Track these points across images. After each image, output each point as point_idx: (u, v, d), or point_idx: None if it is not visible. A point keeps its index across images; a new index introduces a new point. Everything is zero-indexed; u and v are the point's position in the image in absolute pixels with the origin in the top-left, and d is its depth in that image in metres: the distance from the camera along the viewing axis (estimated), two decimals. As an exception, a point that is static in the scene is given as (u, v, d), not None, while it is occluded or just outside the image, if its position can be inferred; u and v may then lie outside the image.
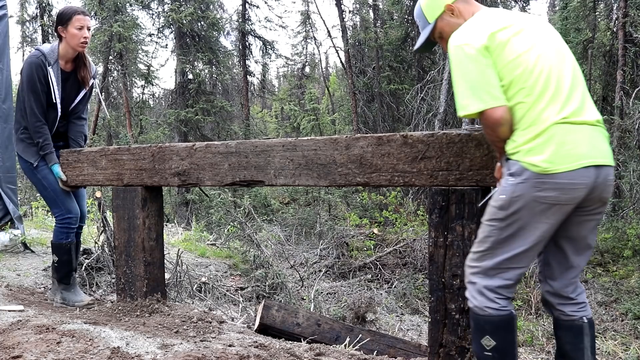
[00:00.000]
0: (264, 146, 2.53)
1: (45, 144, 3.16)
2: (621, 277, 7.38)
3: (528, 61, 1.78)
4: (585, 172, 1.71)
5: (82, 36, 3.08)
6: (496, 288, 1.83)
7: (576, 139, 1.72)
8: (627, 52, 10.06)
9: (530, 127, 1.74)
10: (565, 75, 1.79)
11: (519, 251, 1.79)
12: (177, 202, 14.50)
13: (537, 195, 1.72)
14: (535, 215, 1.75)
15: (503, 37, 1.80)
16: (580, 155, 1.72)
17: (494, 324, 1.83)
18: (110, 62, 15.96)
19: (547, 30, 1.89)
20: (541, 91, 1.75)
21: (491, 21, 1.85)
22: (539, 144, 1.72)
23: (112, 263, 4.18)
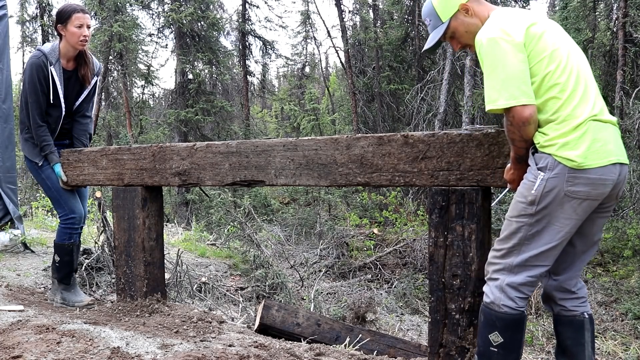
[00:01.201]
0: (264, 146, 2.53)
1: (45, 145, 3.16)
2: (621, 277, 7.38)
3: (561, 57, 1.80)
4: (613, 168, 1.76)
5: (82, 34, 3.08)
6: (519, 286, 1.83)
7: (605, 136, 1.76)
8: (627, 52, 10.05)
9: (564, 121, 1.75)
10: (589, 75, 1.85)
11: (547, 247, 1.80)
12: (177, 202, 14.50)
13: (570, 190, 1.74)
14: (565, 210, 1.76)
15: (537, 31, 1.81)
16: (609, 152, 1.75)
17: (505, 322, 1.84)
18: (110, 62, 15.95)
19: (563, 31, 1.94)
20: (574, 88, 1.77)
21: (521, 17, 1.85)
22: (574, 139, 1.73)
23: (112, 263, 4.18)
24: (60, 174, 3.20)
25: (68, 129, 3.31)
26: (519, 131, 1.77)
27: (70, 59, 3.19)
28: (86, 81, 3.24)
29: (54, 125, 3.20)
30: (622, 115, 9.31)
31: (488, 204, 2.16)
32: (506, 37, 1.78)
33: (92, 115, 3.45)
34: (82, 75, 3.23)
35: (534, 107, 1.75)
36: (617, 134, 1.84)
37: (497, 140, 2.00)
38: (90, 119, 3.42)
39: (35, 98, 3.08)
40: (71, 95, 3.23)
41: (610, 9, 12.20)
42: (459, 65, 11.92)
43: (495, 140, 2.00)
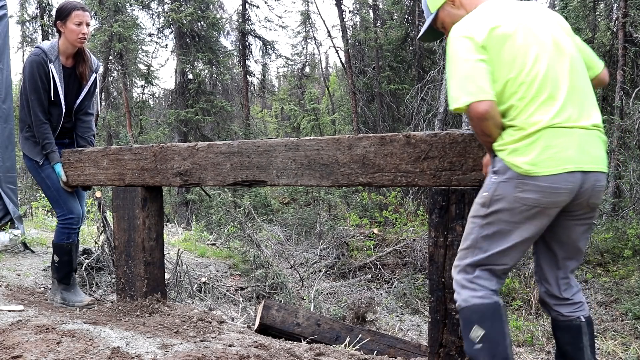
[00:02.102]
0: (266, 146, 2.53)
1: (46, 143, 3.15)
2: (621, 277, 7.37)
3: (524, 63, 1.74)
4: (569, 177, 1.69)
5: (81, 32, 3.08)
6: (474, 279, 1.82)
7: (564, 142, 1.69)
8: (627, 52, 10.05)
9: (520, 128, 1.71)
10: (562, 77, 1.75)
11: (497, 250, 1.78)
12: (177, 202, 14.49)
13: (518, 196, 1.71)
14: (515, 215, 1.73)
15: (501, 34, 1.76)
16: (565, 159, 1.69)
17: (480, 312, 1.80)
18: (110, 62, 15.95)
19: (548, 23, 1.84)
20: (535, 95, 1.72)
21: (492, 16, 1.81)
22: (524, 145, 1.70)
23: (112, 263, 4.18)
24: (61, 173, 3.19)
25: (69, 127, 3.31)
26: (479, 127, 1.76)
27: (69, 56, 3.19)
28: (84, 78, 3.24)
29: (55, 123, 3.19)
30: (622, 115, 9.31)
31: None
32: (467, 36, 1.77)
33: (95, 113, 3.44)
34: (80, 72, 3.22)
35: (489, 103, 1.71)
36: (589, 140, 1.74)
37: (498, 140, 2.00)
38: (92, 116, 3.41)
39: (36, 95, 3.08)
40: (71, 93, 3.23)
41: (610, 9, 12.21)
42: (459, 65, 11.89)
43: (496, 140, 2.00)
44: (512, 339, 5.67)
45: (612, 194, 9.47)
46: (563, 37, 1.83)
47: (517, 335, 5.73)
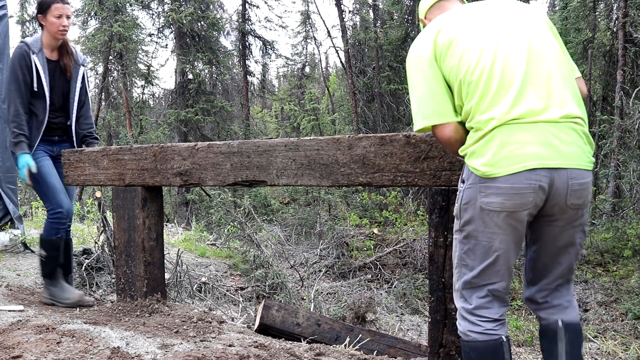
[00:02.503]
0: (266, 146, 2.53)
1: (18, 133, 3.10)
2: (621, 277, 7.38)
3: (470, 61, 1.62)
4: (531, 175, 1.52)
5: (61, 24, 3.10)
6: (474, 310, 1.67)
7: (523, 138, 1.53)
8: (627, 52, 10.05)
9: (476, 129, 1.60)
10: (517, 68, 1.58)
11: (484, 266, 1.64)
12: (177, 202, 14.49)
13: (483, 201, 1.58)
14: (487, 224, 1.60)
15: (446, 40, 1.67)
16: (525, 155, 1.52)
17: (479, 351, 1.66)
18: (110, 62, 15.95)
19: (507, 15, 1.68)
20: (483, 91, 1.58)
21: (435, 25, 1.73)
22: (480, 146, 1.58)
23: (112, 263, 4.18)
24: (30, 163, 3.10)
25: (57, 123, 3.27)
26: (446, 147, 1.76)
27: (53, 49, 3.21)
28: (67, 70, 3.23)
29: (41, 117, 3.16)
30: (622, 115, 9.31)
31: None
32: (417, 54, 1.73)
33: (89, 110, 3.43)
34: (64, 64, 3.22)
35: (451, 126, 1.67)
36: (559, 133, 1.54)
37: (498, 140, 2.00)
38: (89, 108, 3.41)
39: (16, 86, 3.08)
40: (58, 87, 3.22)
41: (610, 9, 12.20)
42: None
43: (496, 140, 2.00)
44: (512, 339, 5.67)
45: (612, 194, 9.47)
46: (527, 26, 1.66)
47: (517, 335, 5.73)
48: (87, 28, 16.33)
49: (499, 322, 1.68)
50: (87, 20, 16.23)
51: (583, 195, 1.60)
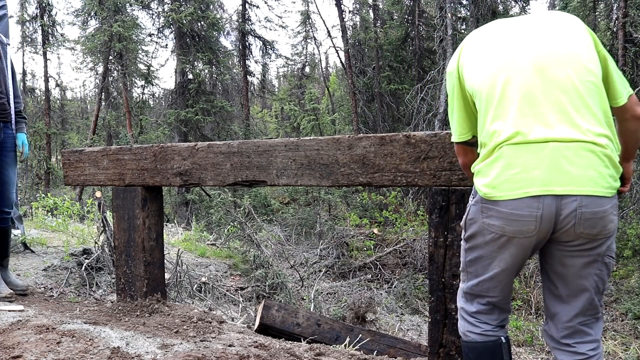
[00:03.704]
0: (266, 146, 2.53)
1: None
2: (621, 277, 7.38)
3: (481, 72, 1.57)
4: (532, 202, 1.43)
5: None
6: (474, 314, 1.69)
7: (528, 161, 1.43)
8: (627, 52, 10.06)
9: (483, 146, 1.56)
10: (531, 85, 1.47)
11: (483, 278, 1.63)
12: (177, 202, 14.49)
13: (485, 221, 1.54)
14: (488, 243, 1.56)
15: (466, 56, 1.65)
16: (528, 180, 1.43)
17: (477, 351, 1.66)
18: (110, 62, 15.95)
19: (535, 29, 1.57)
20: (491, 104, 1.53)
21: (465, 41, 1.71)
22: (485, 165, 1.52)
23: (112, 263, 4.18)
24: None
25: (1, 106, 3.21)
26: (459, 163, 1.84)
27: None
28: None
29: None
30: (622, 115, 9.31)
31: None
32: (448, 71, 1.75)
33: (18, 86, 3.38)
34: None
35: (460, 148, 1.77)
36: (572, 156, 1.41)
37: (498, 140, 1.99)
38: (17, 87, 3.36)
39: None
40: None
41: (610, 9, 12.20)
42: (459, 65, 11.90)
43: (496, 140, 2.00)
44: (512, 339, 5.67)
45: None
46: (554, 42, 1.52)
47: (517, 335, 5.73)
48: (87, 28, 16.34)
49: (499, 326, 1.69)
50: (87, 20, 16.24)
51: (599, 225, 1.45)
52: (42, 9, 17.35)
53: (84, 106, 31.16)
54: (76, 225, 6.43)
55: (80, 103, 31.05)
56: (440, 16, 12.23)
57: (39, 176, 17.05)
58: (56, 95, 20.78)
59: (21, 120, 3.39)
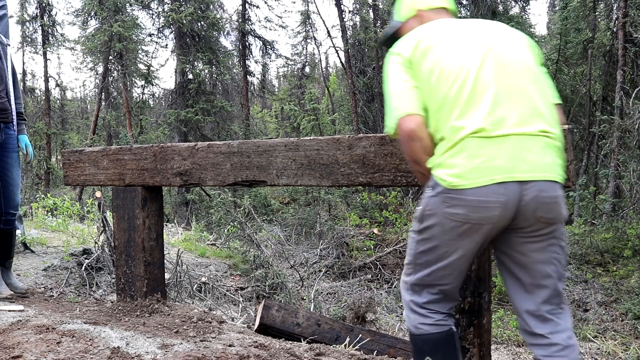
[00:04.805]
0: (266, 146, 2.53)
1: None
2: (621, 277, 7.38)
3: (444, 67, 1.61)
4: (499, 188, 1.50)
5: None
6: (424, 304, 1.69)
7: (492, 151, 1.52)
8: (627, 52, 10.06)
9: (444, 139, 1.58)
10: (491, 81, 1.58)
11: (436, 268, 1.65)
12: (177, 202, 14.50)
13: (447, 211, 1.57)
14: (447, 232, 1.59)
15: (425, 46, 1.66)
16: (494, 168, 1.51)
17: (431, 343, 1.67)
18: (110, 62, 15.95)
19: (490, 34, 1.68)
20: (454, 100, 1.57)
21: (421, 31, 1.73)
22: (448, 157, 1.56)
23: (112, 263, 4.18)
24: None
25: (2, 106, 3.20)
26: (407, 148, 1.64)
27: None
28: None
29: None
30: (622, 115, 9.31)
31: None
32: (398, 52, 1.71)
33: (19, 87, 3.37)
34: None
35: (418, 119, 1.61)
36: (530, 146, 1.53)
37: (498, 140, 1.99)
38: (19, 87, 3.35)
39: None
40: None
41: (610, 9, 12.21)
42: (459, 65, 11.91)
43: (496, 140, 2.00)
44: (512, 339, 5.67)
45: (612, 194, 9.47)
46: (505, 44, 1.67)
47: (517, 335, 5.73)
48: (87, 28, 16.35)
49: (449, 315, 1.72)
50: (87, 20, 16.25)
51: (555, 210, 1.56)
52: (42, 9, 17.35)
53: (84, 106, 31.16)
54: (76, 225, 6.44)
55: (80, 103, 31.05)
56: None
57: (39, 176, 17.06)
58: (56, 95, 20.79)
59: (22, 122, 3.39)
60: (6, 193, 3.26)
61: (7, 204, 3.27)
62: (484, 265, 2.07)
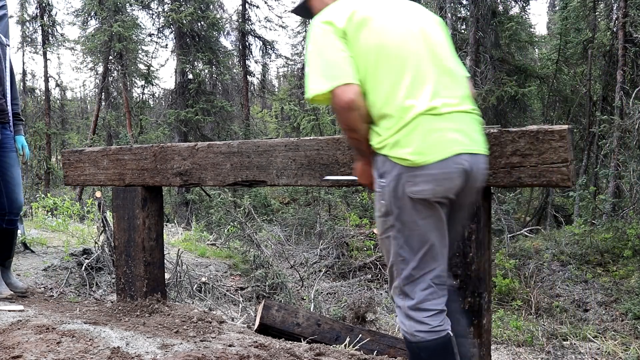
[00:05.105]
0: (266, 146, 2.53)
1: None
2: (621, 277, 7.37)
3: (384, 46, 1.63)
4: (457, 159, 1.59)
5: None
6: (418, 304, 1.65)
7: (445, 126, 1.60)
8: (627, 52, 10.05)
9: (395, 118, 1.59)
10: (432, 62, 1.66)
11: (421, 255, 1.63)
12: (177, 202, 14.50)
13: (412, 190, 1.58)
14: (419, 212, 1.60)
15: (361, 18, 1.66)
16: (450, 142, 1.59)
17: (429, 350, 1.64)
18: (110, 62, 15.95)
19: (415, 11, 1.76)
20: (399, 78, 1.61)
21: (353, 3, 1.72)
22: (404, 135, 1.58)
23: (112, 263, 4.18)
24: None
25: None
26: (345, 118, 1.62)
27: None
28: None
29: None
30: (622, 115, 9.31)
31: (488, 204, 2.16)
32: (329, 21, 1.68)
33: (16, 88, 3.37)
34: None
35: (356, 89, 1.60)
36: (469, 122, 1.67)
37: (500, 141, 1.99)
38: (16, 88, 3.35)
39: None
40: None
41: (610, 9, 12.21)
42: (459, 65, 11.92)
43: (498, 140, 2.00)
44: (512, 339, 5.67)
45: (612, 194, 9.47)
46: (432, 25, 1.76)
47: (517, 335, 5.73)
48: (87, 28, 16.34)
49: (442, 313, 1.67)
50: (87, 20, 16.25)
51: (483, 179, 1.75)
52: (42, 9, 17.35)
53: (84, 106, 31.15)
54: (76, 225, 6.44)
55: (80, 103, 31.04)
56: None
57: (39, 176, 17.05)
58: (56, 95, 20.78)
59: (18, 123, 3.39)
60: (8, 192, 3.26)
61: (10, 204, 3.27)
62: (484, 265, 2.07)
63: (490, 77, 11.72)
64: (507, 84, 11.65)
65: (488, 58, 11.89)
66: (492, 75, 11.78)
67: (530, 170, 1.93)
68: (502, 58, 12.58)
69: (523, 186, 2.06)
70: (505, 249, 8.35)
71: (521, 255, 8.24)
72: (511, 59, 13.04)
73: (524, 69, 12.94)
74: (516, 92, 11.50)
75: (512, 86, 11.56)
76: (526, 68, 13.06)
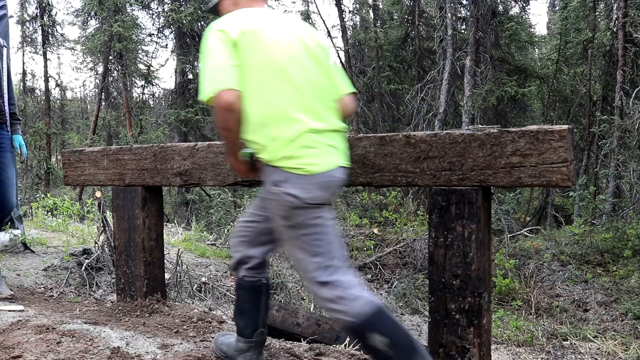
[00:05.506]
0: (264, 146, 2.52)
1: None
2: (621, 277, 7.37)
3: (271, 60, 1.82)
4: (337, 171, 1.88)
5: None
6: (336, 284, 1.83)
7: (325, 142, 1.86)
8: (627, 52, 10.05)
9: (277, 129, 1.80)
10: (314, 79, 1.89)
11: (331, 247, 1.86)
12: (177, 202, 14.49)
13: (307, 196, 1.80)
14: (315, 216, 1.83)
15: (251, 32, 1.83)
16: (332, 155, 1.87)
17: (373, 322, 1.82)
18: (110, 62, 15.94)
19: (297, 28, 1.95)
20: (284, 92, 1.82)
21: (246, 17, 1.89)
22: (295, 149, 1.80)
23: (112, 263, 4.18)
24: None
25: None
26: (222, 119, 1.80)
27: None
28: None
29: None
30: (622, 115, 9.31)
31: (488, 204, 2.16)
32: (224, 29, 1.83)
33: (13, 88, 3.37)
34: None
35: (236, 93, 1.78)
36: (339, 139, 1.94)
37: (500, 141, 1.99)
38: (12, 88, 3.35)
39: None
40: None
41: (610, 9, 12.20)
42: (459, 65, 11.93)
43: (498, 140, 2.00)
44: (512, 339, 5.67)
45: (612, 194, 9.47)
46: (314, 46, 1.95)
47: (517, 335, 5.73)
48: (87, 28, 16.33)
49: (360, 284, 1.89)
50: (87, 20, 16.23)
51: None
52: (42, 9, 17.33)
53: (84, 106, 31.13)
54: (76, 225, 6.44)
55: (80, 103, 31.02)
56: (440, 16, 12.23)
57: (39, 176, 17.04)
58: (56, 95, 20.76)
59: (15, 122, 3.39)
60: (2, 193, 3.25)
61: (2, 205, 3.25)
62: (484, 265, 2.08)
63: (490, 77, 11.72)
64: (507, 84, 11.65)
65: (488, 58, 11.89)
66: (492, 75, 11.78)
67: (530, 170, 1.93)
68: (502, 58, 12.58)
69: (523, 186, 2.07)
70: (505, 249, 8.35)
71: (521, 255, 8.24)
72: (511, 59, 13.04)
73: (524, 69, 12.94)
74: (516, 92, 11.50)
75: (512, 86, 11.56)
76: (526, 68, 13.06)
